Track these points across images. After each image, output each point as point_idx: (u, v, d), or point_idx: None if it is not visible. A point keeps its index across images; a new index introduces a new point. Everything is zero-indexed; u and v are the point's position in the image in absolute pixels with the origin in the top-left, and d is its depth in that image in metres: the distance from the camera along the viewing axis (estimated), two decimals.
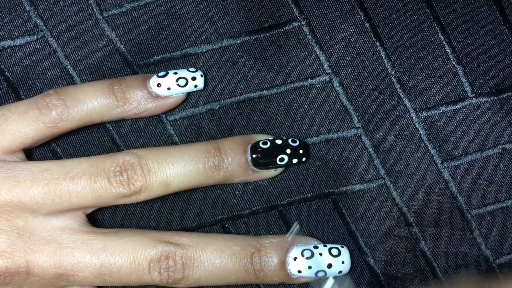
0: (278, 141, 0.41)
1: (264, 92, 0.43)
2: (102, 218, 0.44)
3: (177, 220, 0.44)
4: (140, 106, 0.41)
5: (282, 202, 0.44)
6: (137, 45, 0.43)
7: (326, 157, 0.43)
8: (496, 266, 0.43)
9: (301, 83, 0.43)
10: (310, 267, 0.40)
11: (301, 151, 0.41)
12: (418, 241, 0.43)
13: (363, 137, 0.43)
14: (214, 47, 0.43)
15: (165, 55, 0.43)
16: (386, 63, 0.42)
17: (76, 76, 0.43)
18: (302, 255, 0.41)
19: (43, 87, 0.43)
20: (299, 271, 0.41)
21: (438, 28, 0.42)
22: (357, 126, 0.43)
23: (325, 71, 0.42)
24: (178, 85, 0.41)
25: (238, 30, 0.42)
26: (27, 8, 0.42)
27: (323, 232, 0.44)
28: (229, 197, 0.44)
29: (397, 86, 0.42)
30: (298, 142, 0.42)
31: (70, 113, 0.40)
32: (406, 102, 0.42)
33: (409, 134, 0.43)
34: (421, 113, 0.42)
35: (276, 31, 0.42)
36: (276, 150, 0.41)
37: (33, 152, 0.43)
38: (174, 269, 0.39)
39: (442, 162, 0.43)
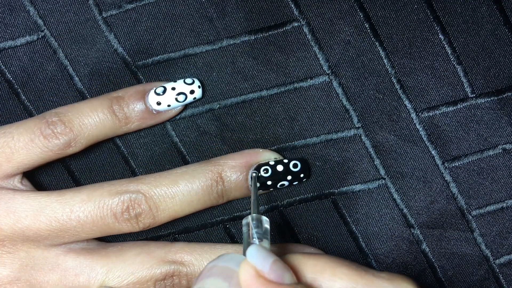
0: (279, 168, 0.41)
1: (264, 93, 0.43)
2: None
3: (179, 220, 0.44)
4: (142, 124, 0.41)
5: (282, 203, 0.44)
6: (136, 46, 0.43)
7: (326, 158, 0.43)
8: (496, 266, 0.43)
9: (300, 83, 0.43)
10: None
11: (302, 175, 0.42)
12: (420, 242, 0.43)
13: (363, 137, 0.43)
14: (214, 47, 0.43)
15: (164, 55, 0.43)
16: (386, 63, 0.42)
17: (75, 76, 0.43)
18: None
19: (44, 87, 0.43)
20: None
21: (438, 28, 0.42)
22: (357, 126, 0.43)
23: (325, 71, 0.42)
24: (177, 100, 0.41)
25: (237, 30, 0.42)
26: (28, 8, 0.42)
27: (324, 233, 0.44)
28: None
29: (397, 86, 0.42)
30: (299, 167, 0.41)
31: (78, 140, 0.40)
32: (406, 102, 0.42)
33: (410, 134, 0.43)
34: (422, 113, 0.42)
35: (275, 31, 0.42)
36: (277, 177, 0.41)
37: None
38: (179, 286, 0.40)
39: (443, 163, 0.43)
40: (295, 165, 0.41)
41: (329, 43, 0.42)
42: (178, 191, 0.40)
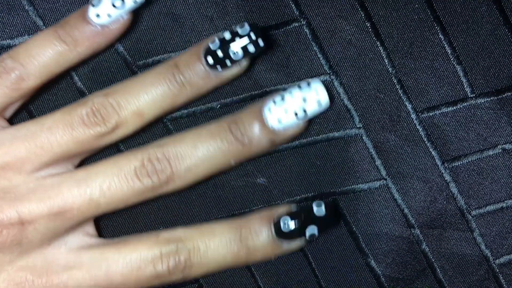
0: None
1: (265, 92, 0.43)
2: (102, 217, 0.44)
3: (177, 219, 0.44)
4: (92, 45, 0.41)
5: (282, 202, 0.43)
6: (136, 45, 0.43)
7: (327, 157, 0.43)
8: (496, 266, 0.43)
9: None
10: (286, 111, 0.40)
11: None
12: (420, 242, 0.43)
13: (364, 137, 0.43)
14: None
15: (164, 55, 0.43)
16: (386, 63, 0.42)
17: (75, 76, 0.43)
18: (275, 103, 0.40)
19: (43, 87, 0.43)
20: (279, 120, 0.40)
21: (438, 28, 0.42)
22: (358, 126, 0.43)
23: (326, 70, 0.42)
24: (116, 7, 0.40)
25: None
26: (26, 7, 0.42)
27: (323, 232, 0.43)
28: (229, 197, 0.43)
29: (398, 86, 0.42)
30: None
31: (29, 71, 0.40)
32: (407, 103, 0.42)
33: (410, 134, 0.43)
34: (422, 113, 0.42)
35: (276, 31, 0.42)
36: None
37: None
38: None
39: (443, 163, 0.43)
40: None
41: (330, 43, 0.42)
42: (135, 85, 0.40)
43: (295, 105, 0.40)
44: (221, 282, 0.44)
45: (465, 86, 0.42)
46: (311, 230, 0.41)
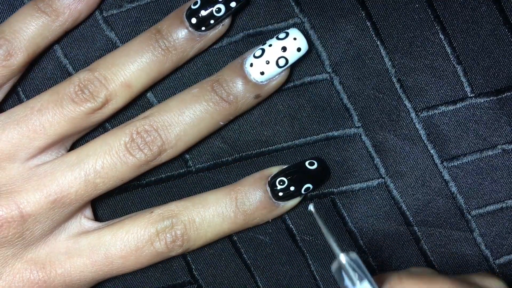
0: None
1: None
2: (102, 219, 0.44)
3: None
4: (74, 13, 0.41)
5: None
6: None
7: (326, 157, 0.43)
8: (496, 266, 0.43)
9: (301, 82, 0.43)
10: (268, 62, 0.40)
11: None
12: (417, 240, 0.43)
13: (363, 137, 0.43)
14: (214, 46, 0.43)
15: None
16: (386, 62, 0.42)
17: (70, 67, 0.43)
18: (255, 56, 0.40)
19: (43, 86, 0.43)
20: (262, 73, 0.40)
21: (438, 28, 0.42)
22: (357, 125, 0.43)
23: (326, 69, 0.42)
24: None
25: (237, 29, 0.42)
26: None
27: (322, 232, 0.43)
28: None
29: (397, 85, 0.42)
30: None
31: (15, 46, 0.40)
32: (406, 102, 0.42)
33: (409, 134, 0.43)
34: (421, 113, 0.42)
35: (276, 30, 0.42)
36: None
37: None
38: (151, 142, 0.40)
39: (442, 162, 0.43)
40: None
41: (330, 42, 0.42)
42: (119, 57, 0.40)
43: (275, 55, 0.40)
44: (220, 282, 0.44)
45: (464, 85, 0.42)
46: (306, 186, 0.41)
